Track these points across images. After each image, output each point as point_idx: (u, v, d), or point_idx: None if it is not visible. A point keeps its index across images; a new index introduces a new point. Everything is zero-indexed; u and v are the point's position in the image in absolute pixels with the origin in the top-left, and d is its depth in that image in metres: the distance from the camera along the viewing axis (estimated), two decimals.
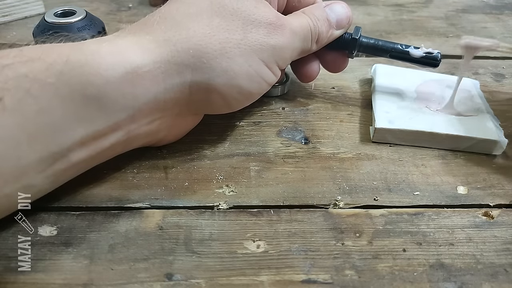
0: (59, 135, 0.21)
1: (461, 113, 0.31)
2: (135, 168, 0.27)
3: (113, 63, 0.21)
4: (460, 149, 0.30)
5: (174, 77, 0.23)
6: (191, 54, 0.23)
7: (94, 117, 0.21)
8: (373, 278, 0.22)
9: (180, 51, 0.23)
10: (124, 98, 0.22)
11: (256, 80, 0.26)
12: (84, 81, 0.21)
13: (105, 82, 0.21)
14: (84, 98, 0.21)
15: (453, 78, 0.35)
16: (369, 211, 0.25)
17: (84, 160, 0.23)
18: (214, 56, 0.24)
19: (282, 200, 0.26)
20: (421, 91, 0.34)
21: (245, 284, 0.21)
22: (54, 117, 0.20)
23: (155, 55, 0.23)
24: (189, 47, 0.23)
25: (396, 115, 0.31)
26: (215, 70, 0.24)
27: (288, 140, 0.30)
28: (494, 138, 0.29)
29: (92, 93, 0.21)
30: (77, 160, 0.22)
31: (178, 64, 0.23)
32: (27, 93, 0.19)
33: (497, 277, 0.22)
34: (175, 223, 0.24)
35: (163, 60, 0.23)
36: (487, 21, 0.48)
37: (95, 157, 0.23)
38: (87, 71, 0.21)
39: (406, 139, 0.30)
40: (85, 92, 0.21)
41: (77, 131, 0.21)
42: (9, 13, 0.43)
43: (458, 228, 0.25)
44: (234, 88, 0.25)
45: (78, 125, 0.21)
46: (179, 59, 0.23)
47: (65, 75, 0.20)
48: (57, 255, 0.22)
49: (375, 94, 0.33)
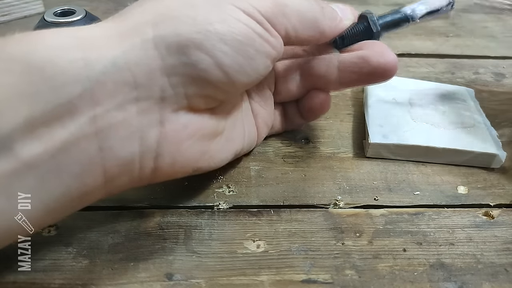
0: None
1: (457, 125, 0.30)
2: None
3: (57, 31, 0.18)
4: (457, 163, 0.29)
5: (132, 36, 0.19)
6: (150, 11, 0.20)
7: (39, 91, 0.17)
8: (374, 278, 0.22)
9: (138, 13, 0.20)
10: (73, 64, 0.17)
11: (238, 27, 0.20)
12: (24, 49, 0.17)
13: (48, 47, 0.18)
14: (24, 66, 0.17)
15: (448, 87, 0.35)
16: (369, 211, 0.25)
17: (41, 159, 0.17)
18: (175, 7, 0.20)
19: (282, 200, 0.26)
20: (415, 101, 0.32)
21: (245, 284, 0.21)
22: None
23: (109, 23, 0.20)
24: (148, 6, 0.20)
25: (390, 128, 0.29)
26: (179, 19, 0.20)
27: (288, 139, 0.30)
28: (493, 152, 0.28)
29: (32, 59, 0.17)
30: (29, 156, 0.17)
31: (136, 23, 0.20)
32: None
33: (498, 277, 0.22)
34: (175, 223, 0.24)
35: (118, 25, 0.20)
36: (487, 21, 0.48)
37: (59, 158, 0.17)
38: (28, 40, 0.18)
39: (401, 154, 0.29)
40: (25, 59, 0.17)
41: (18, 110, 0.16)
42: (8, 12, 0.43)
43: (458, 228, 0.25)
44: (212, 36, 0.20)
45: (18, 100, 0.16)
46: (137, 19, 0.20)
47: (1, 45, 0.17)
48: (57, 255, 0.22)
49: (368, 106, 0.32)
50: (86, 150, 0.18)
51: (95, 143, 0.18)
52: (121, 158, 0.19)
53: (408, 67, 0.39)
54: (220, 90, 0.21)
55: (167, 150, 0.20)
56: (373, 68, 0.25)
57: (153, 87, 0.19)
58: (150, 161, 0.20)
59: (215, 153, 0.23)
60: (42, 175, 0.17)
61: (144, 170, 0.20)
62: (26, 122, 0.16)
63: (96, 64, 0.18)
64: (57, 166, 0.17)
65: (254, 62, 0.21)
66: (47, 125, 0.17)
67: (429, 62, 0.40)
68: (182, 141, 0.21)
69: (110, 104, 0.18)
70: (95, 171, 0.18)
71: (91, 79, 0.18)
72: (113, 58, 0.18)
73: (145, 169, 0.20)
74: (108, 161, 0.19)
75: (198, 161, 0.22)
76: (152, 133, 0.20)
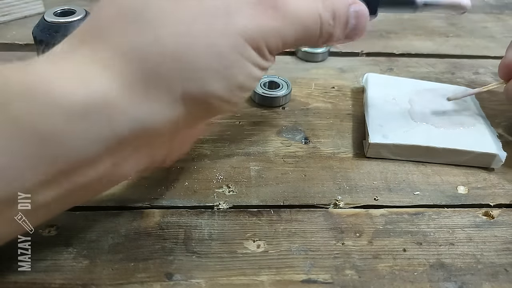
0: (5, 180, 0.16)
1: (457, 125, 0.30)
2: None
3: (71, 89, 0.16)
4: (457, 163, 0.29)
5: (159, 95, 0.18)
6: (170, 57, 0.18)
7: (56, 155, 0.16)
8: (373, 278, 0.22)
9: (154, 55, 0.18)
10: (93, 131, 0.17)
11: (253, 72, 0.20)
12: (35, 112, 0.16)
13: (63, 113, 0.16)
14: (36, 135, 0.16)
15: (447, 86, 0.35)
16: (369, 211, 0.25)
17: (55, 198, 0.18)
18: (201, 54, 0.18)
19: (282, 200, 0.26)
20: (415, 101, 0.32)
21: (245, 284, 0.21)
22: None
23: (123, 70, 0.17)
24: (165, 50, 0.18)
25: (390, 128, 0.29)
26: (206, 72, 0.19)
27: (288, 140, 0.30)
28: (493, 152, 0.28)
29: (47, 128, 0.16)
30: (44, 200, 0.17)
31: (157, 74, 0.18)
32: None
33: (498, 276, 0.22)
34: (175, 223, 0.24)
35: (135, 73, 0.17)
36: (487, 21, 0.48)
37: (70, 193, 0.18)
38: (37, 100, 0.16)
39: (401, 154, 0.29)
40: (37, 127, 0.16)
41: (33, 172, 0.16)
42: (8, 12, 0.43)
43: (458, 228, 0.25)
44: (236, 87, 0.20)
45: (34, 166, 0.16)
46: (156, 67, 0.18)
47: (5, 106, 0.16)
48: (57, 255, 0.22)
49: (368, 106, 0.32)
50: (98, 184, 0.19)
51: (106, 179, 0.19)
52: (125, 176, 0.21)
53: (408, 67, 0.39)
54: (217, 112, 0.22)
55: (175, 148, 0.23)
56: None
57: (170, 130, 0.20)
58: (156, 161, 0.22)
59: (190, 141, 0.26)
60: (52, 208, 0.19)
61: (151, 162, 0.22)
62: (42, 181, 0.17)
63: (119, 126, 0.17)
64: (65, 198, 0.18)
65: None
66: (68, 176, 0.17)
67: (429, 62, 0.40)
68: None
69: (129, 149, 0.19)
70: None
71: (112, 139, 0.17)
72: (137, 117, 0.18)
73: (151, 162, 0.22)
74: (112, 182, 0.21)
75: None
76: (158, 153, 0.22)
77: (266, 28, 0.20)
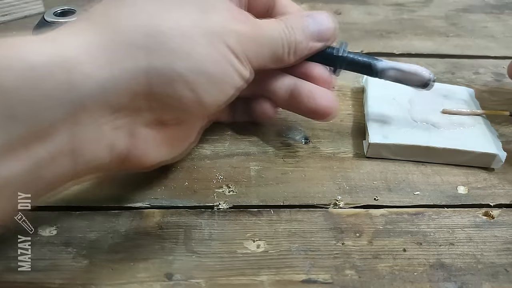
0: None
1: (457, 125, 0.30)
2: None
3: (39, 45, 0.17)
4: (457, 164, 0.29)
5: (124, 61, 0.19)
6: (142, 32, 0.19)
7: (18, 115, 0.16)
8: (373, 278, 0.22)
9: (127, 29, 0.19)
10: (58, 87, 0.17)
11: (225, 68, 0.21)
12: (1, 67, 0.16)
13: (30, 68, 0.16)
14: (1, 89, 0.16)
15: (448, 87, 0.35)
16: (369, 211, 0.25)
17: (18, 175, 0.17)
18: (172, 36, 0.20)
19: (282, 200, 0.26)
20: (415, 102, 0.32)
21: (245, 284, 0.21)
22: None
23: (93, 35, 0.18)
24: (138, 24, 0.19)
25: (390, 128, 0.29)
26: (176, 52, 0.20)
27: (288, 139, 0.30)
28: (493, 152, 0.28)
29: (10, 82, 0.16)
30: (6, 175, 0.17)
31: (127, 45, 0.19)
32: None
33: (498, 277, 0.22)
34: (175, 223, 0.24)
35: (105, 39, 0.18)
36: (487, 21, 0.48)
37: (35, 172, 0.18)
38: (6, 57, 0.16)
39: (401, 154, 0.29)
40: (2, 81, 0.16)
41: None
42: (8, 12, 0.43)
43: (458, 228, 0.25)
44: (202, 75, 0.20)
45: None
46: (127, 39, 0.19)
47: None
48: (57, 255, 0.22)
49: (368, 106, 0.32)
50: (61, 163, 0.18)
51: (70, 157, 0.19)
52: (92, 165, 0.20)
53: None
54: (192, 115, 0.23)
55: (135, 154, 0.21)
56: (314, 109, 0.27)
57: (132, 109, 0.20)
58: (118, 163, 0.21)
59: (178, 150, 0.25)
60: (17, 187, 0.17)
61: (112, 169, 0.21)
62: (3, 145, 0.16)
63: (82, 87, 0.18)
64: (33, 179, 0.18)
65: (228, 95, 0.23)
66: (26, 146, 0.17)
67: (429, 62, 0.40)
68: (150, 148, 0.22)
69: (89, 124, 0.19)
70: (67, 176, 0.19)
71: (75, 103, 0.18)
72: (100, 82, 0.18)
73: (113, 168, 0.21)
74: (80, 167, 0.19)
75: (163, 160, 0.24)
76: (122, 143, 0.20)
77: (240, 30, 0.22)
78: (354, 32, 0.45)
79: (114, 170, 0.22)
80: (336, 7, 0.49)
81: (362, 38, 0.43)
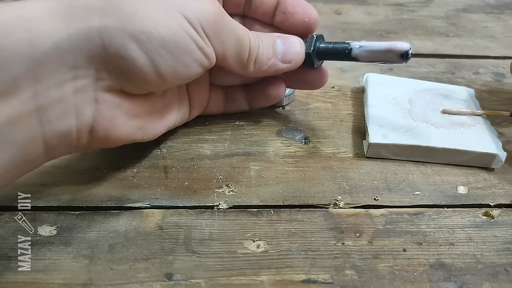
0: None
1: (457, 125, 0.30)
2: (135, 168, 0.27)
3: (2, 12, 0.19)
4: (457, 163, 0.29)
5: (79, 21, 0.20)
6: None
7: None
8: (373, 278, 0.22)
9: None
10: (18, 44, 0.18)
11: (181, 35, 0.22)
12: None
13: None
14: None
15: (448, 87, 0.35)
16: (369, 211, 0.25)
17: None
18: (127, 1, 0.21)
19: (282, 200, 0.26)
20: (415, 102, 0.32)
21: (245, 284, 0.21)
22: None
23: (53, 1, 0.20)
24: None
25: (390, 128, 0.29)
26: (128, 15, 0.21)
27: (288, 139, 0.30)
28: (493, 152, 0.28)
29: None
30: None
31: (83, 8, 0.20)
32: None
33: (498, 277, 0.22)
34: (175, 223, 0.24)
35: (63, 4, 0.20)
36: (487, 21, 0.48)
37: (4, 131, 0.19)
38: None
39: (401, 154, 0.29)
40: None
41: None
42: None
43: (458, 228, 0.25)
44: (155, 39, 0.21)
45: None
46: (84, 2, 0.20)
47: None
48: (57, 255, 0.22)
49: (368, 106, 0.32)
50: (28, 123, 0.19)
51: (36, 118, 0.20)
52: (59, 131, 0.21)
53: (408, 67, 0.39)
54: (151, 86, 0.23)
55: (102, 125, 0.22)
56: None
57: (90, 70, 0.21)
58: (86, 134, 0.22)
59: (149, 128, 0.25)
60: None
61: (81, 141, 0.22)
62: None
63: (41, 45, 0.19)
64: (2, 138, 0.19)
65: (188, 69, 0.23)
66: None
67: (429, 62, 0.40)
68: (116, 118, 0.23)
69: (50, 82, 0.20)
70: (36, 142, 0.20)
71: (35, 59, 0.19)
72: (58, 40, 0.19)
73: (81, 139, 0.22)
74: (48, 133, 0.20)
75: (132, 135, 0.24)
76: (87, 109, 0.21)
77: (201, 8, 0.22)
78: (354, 32, 0.45)
79: (84, 144, 0.22)
80: (336, 7, 0.50)
81: (362, 38, 0.44)
